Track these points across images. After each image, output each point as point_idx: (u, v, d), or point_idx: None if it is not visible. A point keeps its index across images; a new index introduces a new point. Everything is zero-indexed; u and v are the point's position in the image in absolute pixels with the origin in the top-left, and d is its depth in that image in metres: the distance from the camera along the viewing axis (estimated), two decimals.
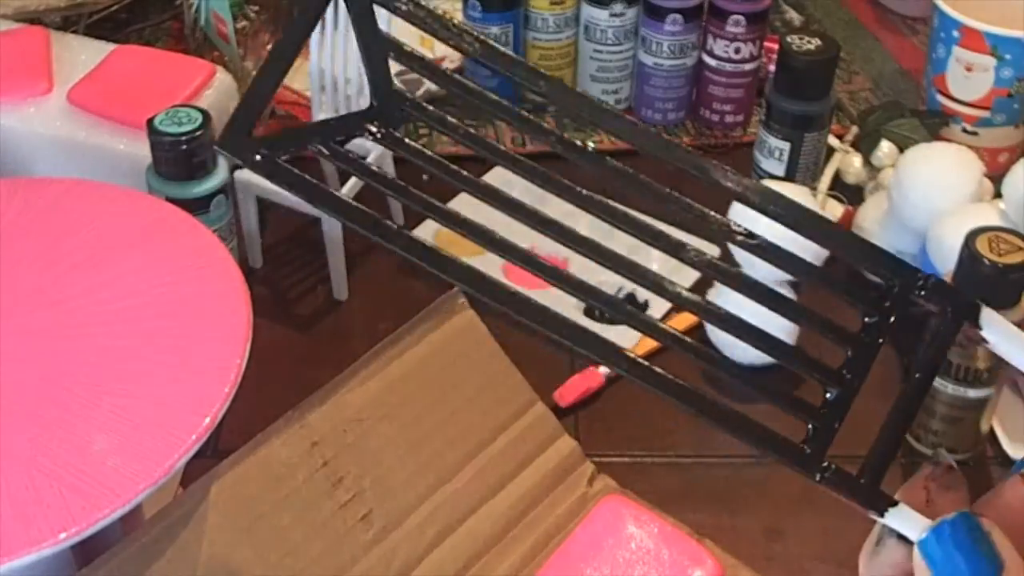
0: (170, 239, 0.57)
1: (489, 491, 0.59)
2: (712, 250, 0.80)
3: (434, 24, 0.31)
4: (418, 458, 0.58)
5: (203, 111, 0.69)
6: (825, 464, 0.28)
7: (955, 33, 0.83)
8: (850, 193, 0.84)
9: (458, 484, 0.59)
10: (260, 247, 0.78)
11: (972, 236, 0.62)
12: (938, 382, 0.65)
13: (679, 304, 0.30)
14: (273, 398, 0.58)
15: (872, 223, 0.80)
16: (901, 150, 0.81)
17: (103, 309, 0.53)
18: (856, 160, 0.85)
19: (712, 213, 0.33)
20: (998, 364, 0.64)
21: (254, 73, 0.29)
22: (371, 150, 0.72)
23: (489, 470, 0.60)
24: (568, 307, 0.65)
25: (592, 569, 0.56)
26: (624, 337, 0.64)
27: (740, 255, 0.75)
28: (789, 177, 0.82)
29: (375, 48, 0.31)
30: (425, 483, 0.58)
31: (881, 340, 0.29)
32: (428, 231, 0.76)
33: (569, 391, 0.70)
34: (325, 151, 0.30)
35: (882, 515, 0.27)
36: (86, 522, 0.43)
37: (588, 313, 0.72)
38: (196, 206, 0.68)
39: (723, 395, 0.31)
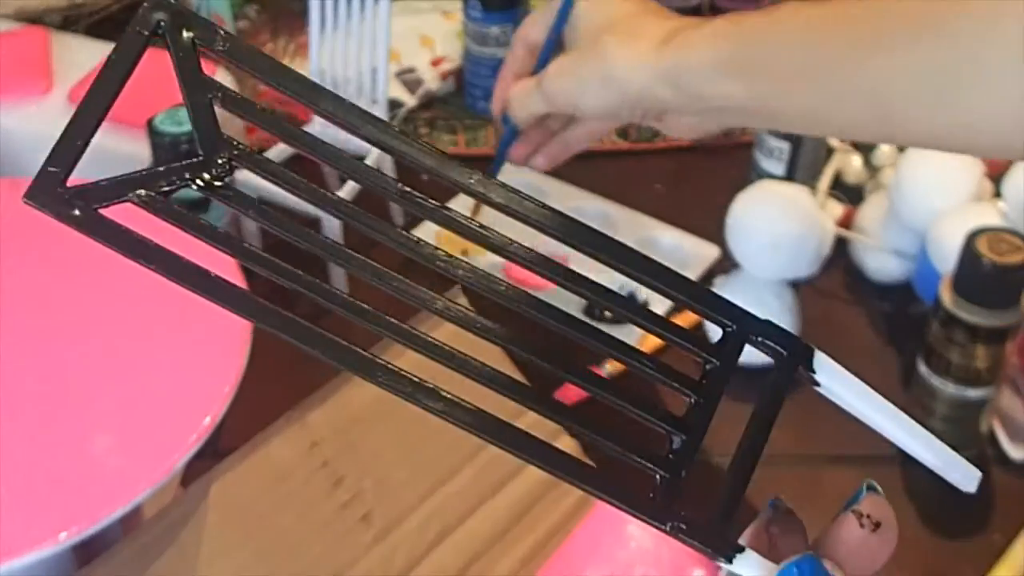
0: (170, 239, 0.57)
1: (489, 491, 0.59)
2: (712, 251, 0.80)
3: (263, 65, 0.28)
4: (418, 458, 0.58)
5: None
6: (675, 517, 0.28)
7: None
8: (850, 193, 0.84)
9: (458, 484, 0.58)
10: (260, 247, 0.78)
11: (972, 236, 0.62)
12: (938, 381, 0.65)
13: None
14: (273, 398, 0.58)
15: (872, 223, 0.80)
16: (901, 150, 0.81)
17: (103, 310, 0.53)
18: (856, 160, 0.85)
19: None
20: (998, 364, 0.64)
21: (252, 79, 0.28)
22: (371, 150, 0.72)
23: (489, 470, 0.60)
24: (570, 306, 0.65)
25: (592, 569, 0.56)
26: (628, 336, 0.63)
27: (741, 254, 0.75)
28: (789, 177, 0.82)
29: (198, 93, 0.29)
30: (425, 483, 0.58)
31: (723, 386, 0.29)
32: (428, 232, 0.76)
33: (569, 391, 0.70)
34: (146, 201, 0.29)
35: (730, 561, 0.27)
36: (86, 522, 0.43)
37: (588, 312, 0.72)
38: (196, 206, 0.68)
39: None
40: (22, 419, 0.47)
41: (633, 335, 0.65)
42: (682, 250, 0.81)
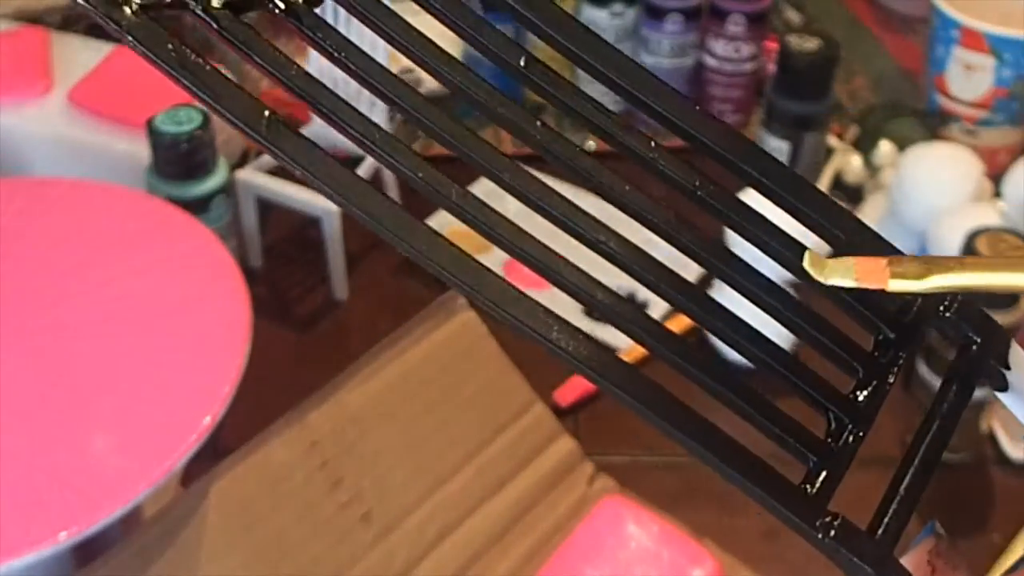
0: (170, 239, 0.57)
1: (489, 491, 0.59)
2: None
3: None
4: (418, 458, 0.58)
5: (203, 111, 0.69)
6: (827, 516, 0.21)
7: (955, 33, 0.83)
8: (850, 193, 0.84)
9: (458, 484, 0.58)
10: (260, 247, 0.78)
11: (972, 236, 0.62)
12: (938, 382, 0.65)
13: (671, 302, 0.24)
14: (273, 398, 0.58)
15: (872, 223, 0.79)
16: (901, 150, 0.81)
17: (103, 309, 0.53)
18: (856, 160, 0.85)
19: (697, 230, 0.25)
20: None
21: (254, 73, 0.28)
22: (365, 157, 0.71)
23: (489, 470, 0.60)
24: (568, 308, 0.65)
25: (592, 569, 0.56)
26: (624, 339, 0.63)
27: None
28: None
29: None
30: (425, 483, 0.58)
31: (900, 363, 0.23)
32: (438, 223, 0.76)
33: (569, 391, 0.70)
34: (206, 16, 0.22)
35: None
36: (86, 522, 0.43)
37: (589, 313, 0.72)
38: (196, 206, 0.68)
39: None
40: (22, 419, 0.47)
41: None
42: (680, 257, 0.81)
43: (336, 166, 0.21)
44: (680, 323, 0.68)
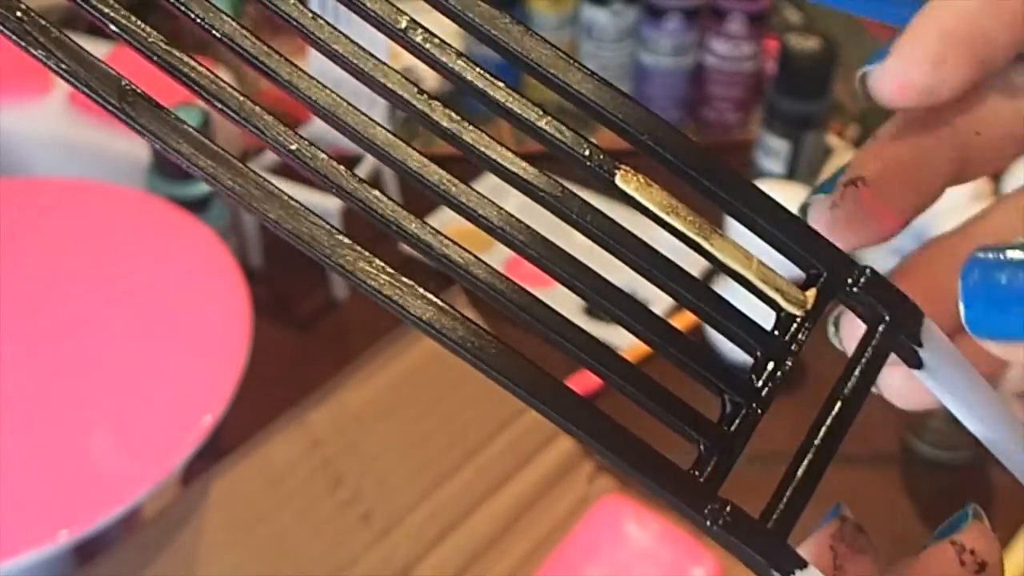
0: (170, 239, 0.57)
1: (489, 490, 0.59)
2: None
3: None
4: (418, 457, 0.58)
5: (203, 111, 0.69)
6: (716, 503, 0.20)
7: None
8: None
9: (458, 483, 0.59)
10: (260, 247, 0.78)
11: None
12: None
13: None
14: (273, 398, 0.58)
15: None
16: None
17: (103, 309, 0.53)
18: None
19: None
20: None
21: (254, 73, 0.28)
22: (363, 155, 0.71)
23: (489, 469, 0.60)
24: (570, 306, 0.65)
25: (592, 568, 0.56)
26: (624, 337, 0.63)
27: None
28: (789, 176, 0.82)
29: None
30: (425, 482, 0.58)
31: (802, 343, 0.21)
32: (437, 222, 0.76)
33: (578, 381, 0.70)
34: None
35: None
36: (86, 522, 0.43)
37: (589, 311, 0.72)
38: (196, 206, 0.68)
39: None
40: (22, 419, 0.47)
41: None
42: (682, 250, 0.81)
43: (195, 136, 0.20)
44: (684, 320, 0.68)
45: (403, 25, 0.22)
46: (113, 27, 0.20)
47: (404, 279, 0.20)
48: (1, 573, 0.43)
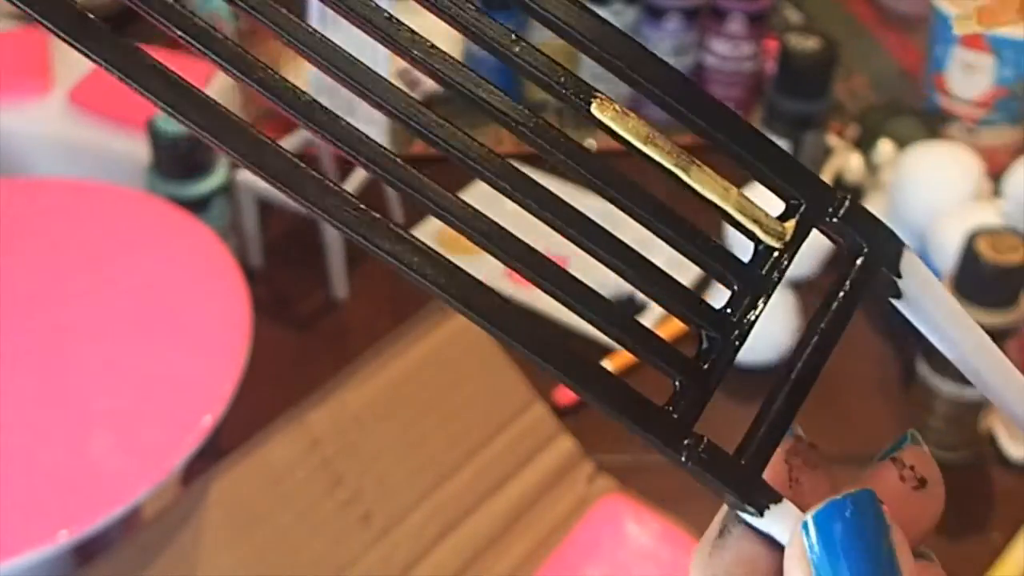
0: (170, 239, 0.57)
1: (489, 490, 0.59)
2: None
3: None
4: (418, 457, 0.58)
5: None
6: (691, 439, 0.20)
7: (954, 32, 0.83)
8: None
9: (458, 483, 0.59)
10: (260, 247, 0.78)
11: (972, 236, 0.62)
12: (938, 380, 0.65)
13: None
14: (273, 398, 0.58)
15: None
16: (901, 149, 0.81)
17: (103, 309, 0.53)
18: (856, 159, 0.85)
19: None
20: None
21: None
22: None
23: (489, 469, 0.60)
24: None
25: (592, 568, 0.56)
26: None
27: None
28: None
29: None
30: (425, 482, 0.58)
31: (778, 274, 0.21)
32: (430, 230, 0.76)
33: (569, 390, 0.70)
34: None
35: (761, 513, 0.20)
36: (86, 522, 0.43)
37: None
38: (196, 206, 0.68)
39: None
40: (22, 419, 0.47)
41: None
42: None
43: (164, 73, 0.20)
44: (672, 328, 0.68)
45: None
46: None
47: (372, 212, 0.20)
48: (1, 573, 0.43)
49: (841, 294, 0.21)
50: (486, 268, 0.25)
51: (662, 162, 0.21)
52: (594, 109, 0.21)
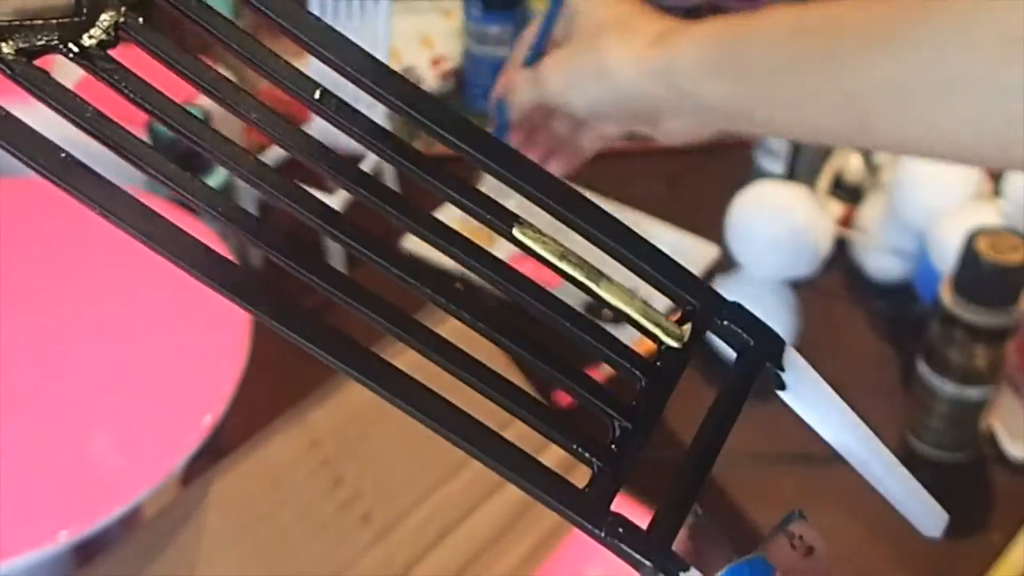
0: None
1: (489, 490, 0.59)
2: (712, 250, 0.80)
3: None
4: (418, 457, 0.58)
5: (203, 111, 0.69)
6: (610, 517, 0.24)
7: None
8: (850, 193, 0.84)
9: (458, 483, 0.59)
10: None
11: (972, 236, 0.62)
12: (938, 381, 0.65)
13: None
14: (273, 398, 0.58)
15: (872, 223, 0.80)
16: None
17: (103, 309, 0.53)
18: (856, 160, 0.85)
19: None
20: (998, 363, 0.64)
21: (254, 73, 0.27)
22: (366, 154, 0.71)
23: (489, 469, 0.60)
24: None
25: (591, 568, 0.56)
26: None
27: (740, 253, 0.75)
28: (789, 176, 0.82)
29: None
30: (425, 482, 0.58)
31: (681, 370, 0.24)
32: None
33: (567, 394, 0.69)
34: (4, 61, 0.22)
35: None
36: (86, 522, 0.43)
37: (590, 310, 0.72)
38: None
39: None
40: (22, 419, 0.47)
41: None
42: (682, 249, 0.81)
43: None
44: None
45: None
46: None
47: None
48: (1, 573, 0.43)
49: (733, 388, 0.24)
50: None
51: (575, 276, 0.24)
52: (515, 232, 0.24)
